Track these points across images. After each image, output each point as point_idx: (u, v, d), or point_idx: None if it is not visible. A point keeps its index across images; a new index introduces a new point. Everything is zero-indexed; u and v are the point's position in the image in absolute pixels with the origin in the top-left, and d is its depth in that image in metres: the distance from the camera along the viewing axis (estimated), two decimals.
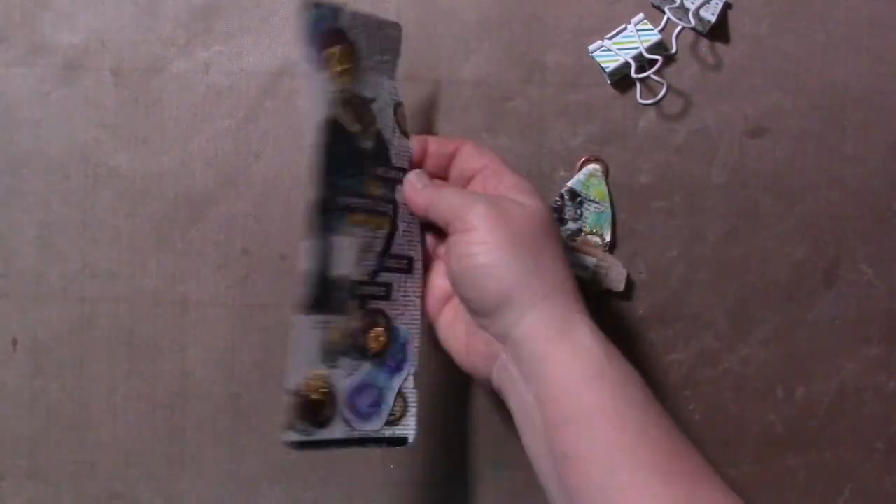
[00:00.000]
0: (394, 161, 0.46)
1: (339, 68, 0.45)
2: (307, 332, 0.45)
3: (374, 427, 0.46)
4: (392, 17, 0.50)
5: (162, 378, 0.51)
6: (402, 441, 0.47)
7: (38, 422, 0.51)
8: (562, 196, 0.48)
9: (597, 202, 0.49)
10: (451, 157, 0.45)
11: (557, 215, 0.48)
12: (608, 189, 0.49)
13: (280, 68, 0.51)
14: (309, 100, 0.45)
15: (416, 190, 0.44)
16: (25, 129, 0.51)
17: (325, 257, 0.46)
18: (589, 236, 0.49)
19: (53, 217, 0.51)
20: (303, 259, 0.49)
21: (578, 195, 0.48)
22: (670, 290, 0.51)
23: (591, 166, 0.48)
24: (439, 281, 0.45)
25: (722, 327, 0.51)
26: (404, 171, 0.46)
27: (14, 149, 0.51)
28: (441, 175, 0.46)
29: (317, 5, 0.44)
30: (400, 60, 0.46)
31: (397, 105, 0.46)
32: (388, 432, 0.46)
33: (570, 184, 0.49)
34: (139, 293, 0.51)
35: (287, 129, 0.51)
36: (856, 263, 0.51)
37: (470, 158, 0.44)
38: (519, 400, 0.39)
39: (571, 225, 0.48)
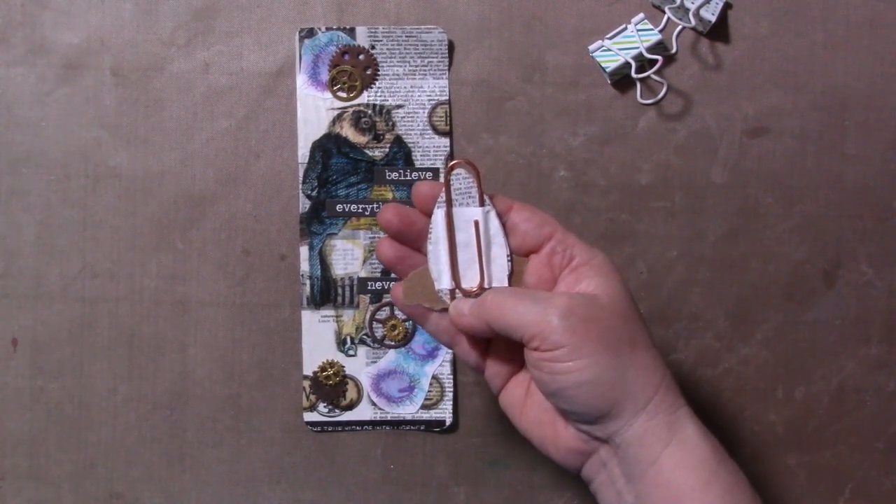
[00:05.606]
0: (419, 162, 0.48)
1: (346, 86, 0.48)
2: (316, 326, 0.50)
3: (408, 410, 0.50)
4: (394, 18, 0.50)
5: (162, 378, 0.51)
6: (439, 423, 0.50)
7: (38, 422, 0.51)
8: None
9: None
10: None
11: None
12: None
13: (280, 68, 0.51)
14: (306, 119, 0.46)
15: (462, 315, 0.38)
16: (25, 129, 0.51)
17: (324, 259, 0.49)
18: None
19: (53, 217, 0.51)
20: (301, 261, 0.50)
21: None
22: (670, 290, 0.51)
23: None
24: (500, 350, 0.40)
25: (722, 327, 0.51)
26: (433, 171, 0.49)
27: (14, 149, 0.51)
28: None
29: (327, 29, 0.47)
30: (448, 61, 0.49)
31: (436, 105, 0.49)
32: (425, 415, 0.50)
33: None
34: (139, 293, 0.51)
35: (287, 129, 0.51)
36: (856, 263, 0.51)
37: (527, 226, 0.39)
38: (616, 498, 0.37)
39: None
